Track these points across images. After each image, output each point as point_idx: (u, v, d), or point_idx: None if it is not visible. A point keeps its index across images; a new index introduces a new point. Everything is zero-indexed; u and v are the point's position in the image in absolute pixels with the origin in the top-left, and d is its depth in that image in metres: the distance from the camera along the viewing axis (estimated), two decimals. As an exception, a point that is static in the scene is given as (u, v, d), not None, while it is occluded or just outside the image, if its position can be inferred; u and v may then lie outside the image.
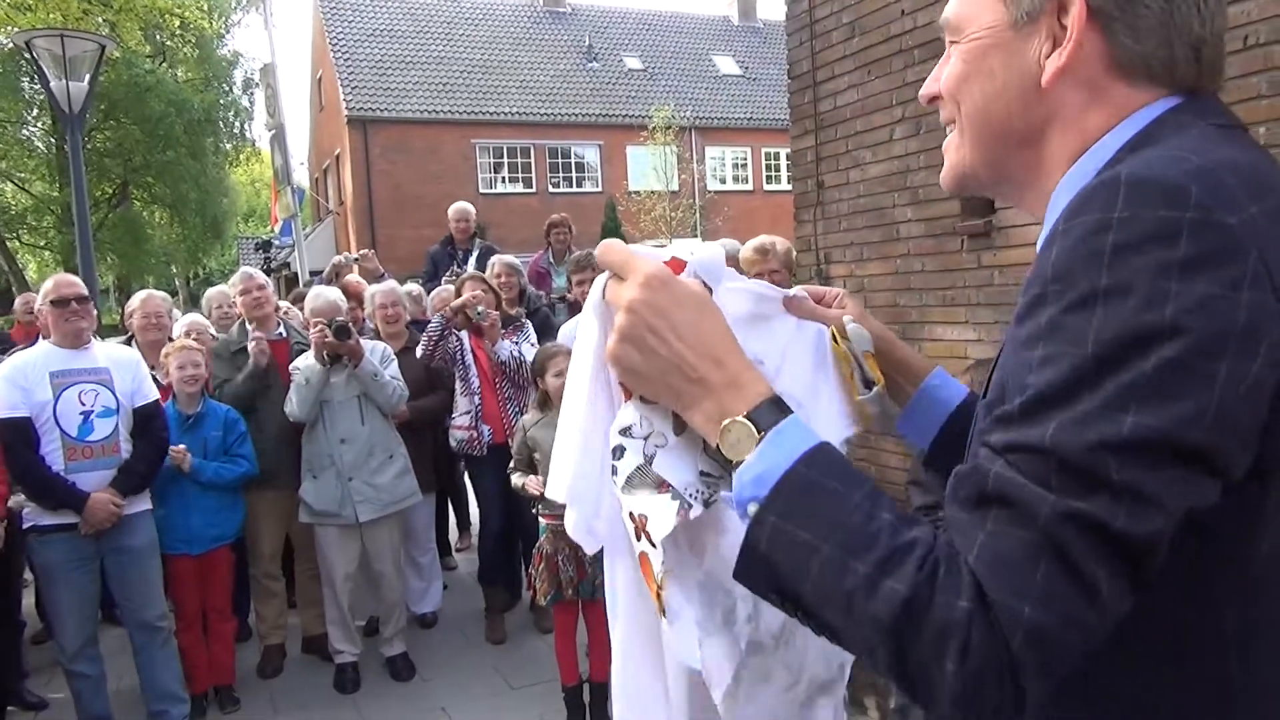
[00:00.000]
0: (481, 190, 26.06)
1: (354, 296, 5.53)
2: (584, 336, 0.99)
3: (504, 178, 27.13)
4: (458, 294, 4.95)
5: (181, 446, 4.12)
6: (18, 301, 7.90)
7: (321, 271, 7.92)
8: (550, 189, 27.03)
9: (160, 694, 3.96)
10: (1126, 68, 0.82)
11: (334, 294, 4.78)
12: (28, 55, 7.65)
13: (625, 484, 0.94)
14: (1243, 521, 0.72)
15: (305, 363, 4.43)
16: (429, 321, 5.09)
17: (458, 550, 6.48)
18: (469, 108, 26.41)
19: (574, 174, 27.92)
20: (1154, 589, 0.70)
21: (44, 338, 4.02)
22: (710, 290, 0.96)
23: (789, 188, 5.37)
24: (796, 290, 1.20)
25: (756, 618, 1.03)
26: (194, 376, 4.25)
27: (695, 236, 26.64)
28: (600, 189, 27.32)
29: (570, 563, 3.75)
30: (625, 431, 0.94)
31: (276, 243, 15.31)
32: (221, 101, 25.22)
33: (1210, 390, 0.66)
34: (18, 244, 23.55)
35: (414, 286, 6.46)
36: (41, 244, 22.66)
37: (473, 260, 6.58)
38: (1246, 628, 0.74)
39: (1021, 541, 0.68)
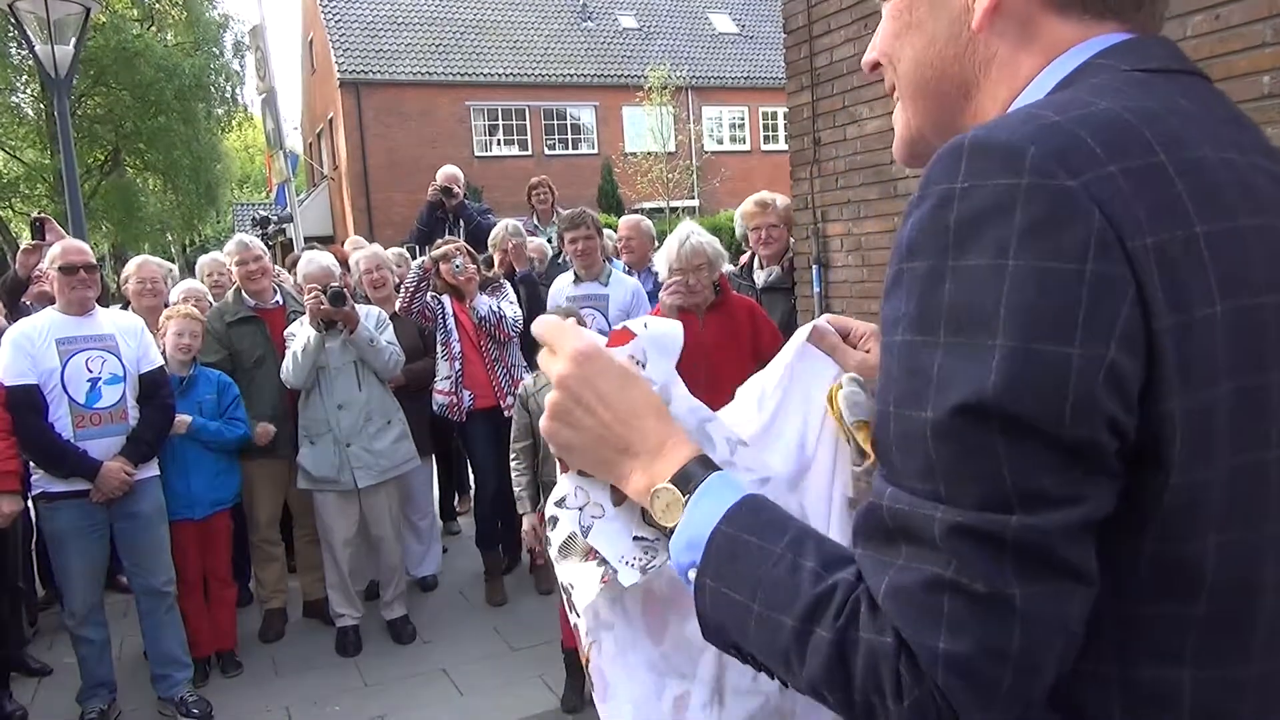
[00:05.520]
0: (476, 153, 25.85)
1: (344, 263, 5.50)
2: None
3: (499, 140, 26.88)
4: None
5: (182, 417, 4.13)
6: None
7: (316, 238, 7.84)
8: (546, 151, 26.80)
9: (165, 659, 3.99)
10: (1063, 5, 0.76)
11: (327, 259, 4.73)
12: (13, 19, 7.51)
13: (558, 552, 0.97)
14: (1121, 519, 0.66)
15: (301, 329, 4.41)
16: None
17: (459, 514, 6.50)
18: (462, 69, 26.11)
19: (569, 136, 27.66)
20: None
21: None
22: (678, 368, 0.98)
23: (786, 148, 5.31)
24: (821, 322, 1.16)
25: (717, 705, 1.03)
26: (189, 345, 4.26)
27: (693, 198, 26.50)
28: (596, 151, 27.09)
29: None
30: (560, 503, 0.97)
31: (274, 217, 15.12)
32: (212, 66, 24.84)
33: (1064, 376, 0.61)
34: (10, 212, 23.38)
35: (399, 250, 6.45)
36: (34, 212, 22.48)
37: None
38: (1124, 628, 0.69)
39: (924, 574, 0.64)
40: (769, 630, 0.72)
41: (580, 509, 0.96)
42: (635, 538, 0.92)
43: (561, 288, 4.90)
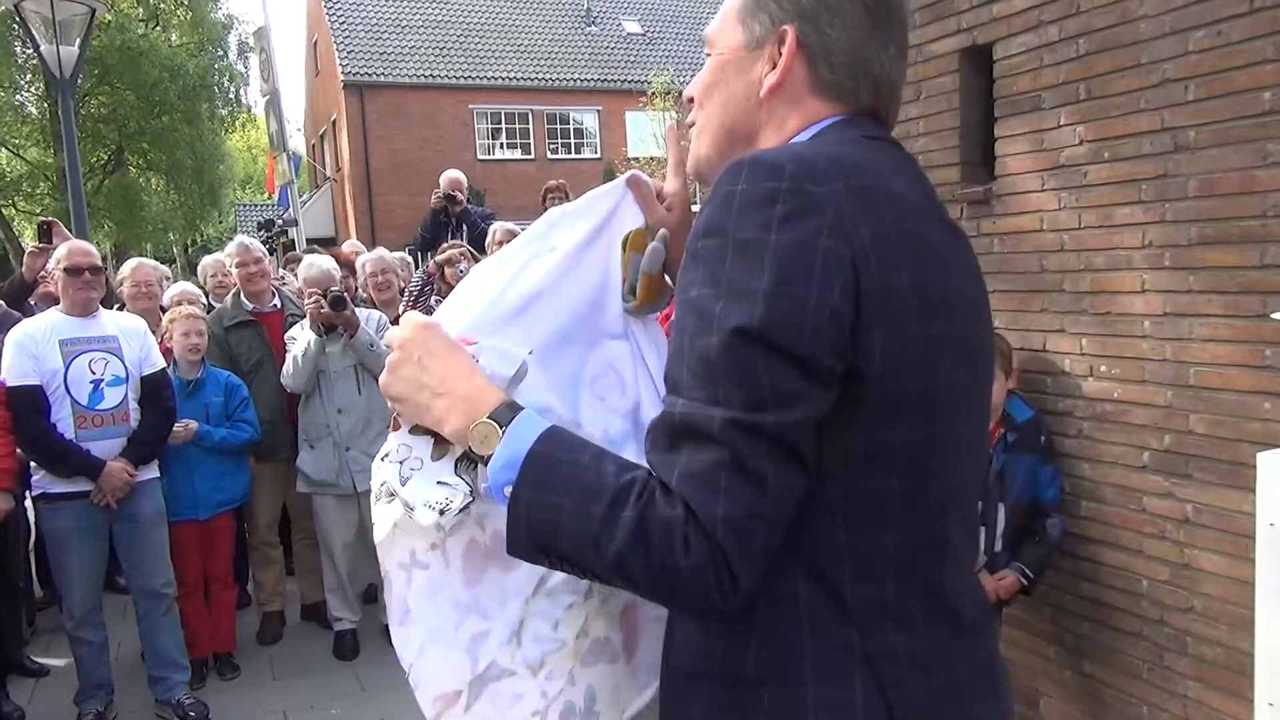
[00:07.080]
0: (479, 156, 25.85)
1: (346, 266, 5.50)
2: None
3: (502, 144, 26.89)
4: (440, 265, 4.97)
5: (189, 423, 4.14)
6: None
7: (318, 239, 7.84)
8: (549, 155, 26.81)
9: (162, 661, 3.99)
10: (822, 90, 1.08)
11: (328, 263, 4.75)
12: (18, 19, 7.54)
13: (373, 501, 1.14)
14: (842, 417, 0.91)
15: (301, 333, 4.41)
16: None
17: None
18: (466, 72, 26.12)
19: (572, 140, 27.67)
20: None
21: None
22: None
23: (788, 154, 5.31)
24: (640, 174, 1.36)
25: (515, 645, 1.17)
26: (198, 345, 4.27)
27: (694, 203, 26.48)
28: (599, 155, 27.09)
29: None
30: (385, 457, 1.13)
31: (280, 222, 15.12)
32: (216, 66, 24.88)
33: (804, 313, 0.88)
34: (13, 211, 23.39)
35: (402, 254, 6.47)
36: (37, 211, 22.47)
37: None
38: (847, 500, 0.95)
39: (706, 460, 0.87)
40: (580, 521, 0.91)
41: (401, 463, 1.10)
42: (439, 483, 1.07)
43: None
